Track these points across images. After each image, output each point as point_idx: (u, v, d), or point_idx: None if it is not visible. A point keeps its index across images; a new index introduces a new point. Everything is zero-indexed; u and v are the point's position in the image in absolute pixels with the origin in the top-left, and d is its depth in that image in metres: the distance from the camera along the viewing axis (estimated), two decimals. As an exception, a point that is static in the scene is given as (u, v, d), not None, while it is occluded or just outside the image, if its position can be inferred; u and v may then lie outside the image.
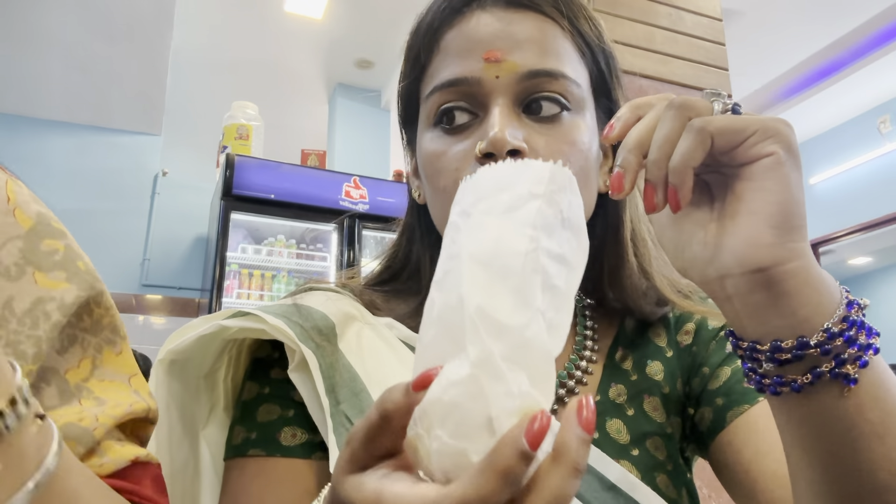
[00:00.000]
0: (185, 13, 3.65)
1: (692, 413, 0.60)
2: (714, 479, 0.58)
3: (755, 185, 0.35)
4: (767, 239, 0.34)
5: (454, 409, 0.27)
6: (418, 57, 0.58)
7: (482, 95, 0.53)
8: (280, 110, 4.67)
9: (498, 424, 0.27)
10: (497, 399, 0.27)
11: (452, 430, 0.27)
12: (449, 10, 0.56)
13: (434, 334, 0.30)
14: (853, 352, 0.35)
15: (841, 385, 0.35)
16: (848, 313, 0.35)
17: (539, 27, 0.54)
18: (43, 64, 3.60)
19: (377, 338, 0.56)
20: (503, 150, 0.50)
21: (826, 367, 0.35)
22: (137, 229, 4.08)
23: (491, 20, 0.54)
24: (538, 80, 0.52)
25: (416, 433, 0.28)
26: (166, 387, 0.56)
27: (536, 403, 0.27)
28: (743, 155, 0.36)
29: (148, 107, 4.02)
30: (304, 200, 3.40)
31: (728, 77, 1.95)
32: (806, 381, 0.35)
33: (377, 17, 3.84)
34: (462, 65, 0.53)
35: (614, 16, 1.80)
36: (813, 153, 5.10)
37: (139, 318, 3.92)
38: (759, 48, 3.99)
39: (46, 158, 3.94)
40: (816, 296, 0.35)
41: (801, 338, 0.35)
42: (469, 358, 0.28)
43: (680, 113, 0.37)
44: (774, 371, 0.37)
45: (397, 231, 0.68)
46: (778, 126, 0.35)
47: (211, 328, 0.53)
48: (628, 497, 0.50)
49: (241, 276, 3.44)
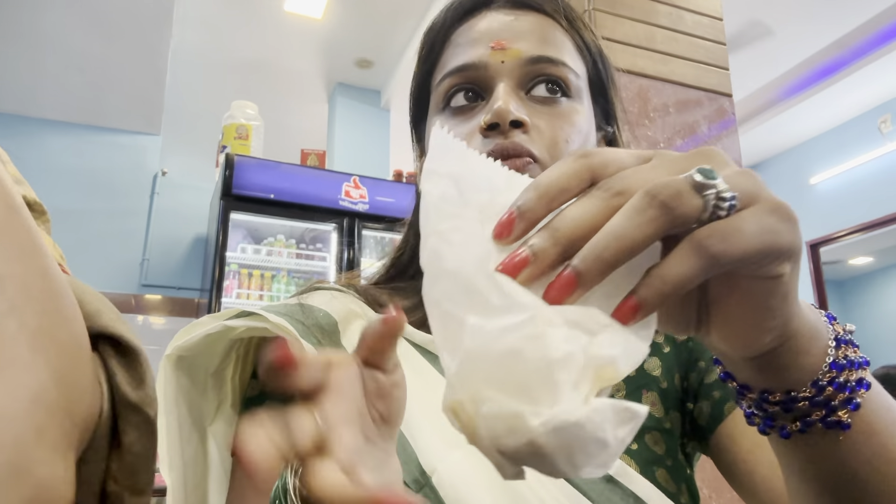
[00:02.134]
0: (184, 12, 3.65)
1: (691, 408, 0.61)
2: (714, 479, 0.58)
3: (756, 303, 0.29)
4: (763, 340, 0.31)
5: (508, 361, 0.24)
6: (430, 53, 0.63)
7: (488, 78, 0.57)
8: (280, 110, 4.67)
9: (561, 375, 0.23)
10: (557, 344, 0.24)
11: (505, 385, 0.24)
12: (460, 10, 0.62)
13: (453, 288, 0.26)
14: (844, 395, 0.33)
15: (835, 431, 0.34)
16: (836, 356, 0.33)
17: (542, 23, 0.59)
18: (42, 63, 3.60)
19: None
20: (507, 120, 0.53)
21: (817, 415, 0.33)
22: (137, 229, 4.08)
23: (497, 17, 0.60)
24: (540, 64, 0.57)
25: (456, 400, 0.25)
26: (174, 382, 0.56)
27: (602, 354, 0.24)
28: (745, 271, 0.28)
29: (147, 106, 4.02)
30: (303, 200, 3.40)
31: (728, 77, 1.94)
32: (796, 428, 0.34)
33: (377, 17, 3.83)
34: (470, 53, 0.58)
35: (614, 15, 1.80)
36: (813, 153, 5.09)
37: (138, 319, 3.91)
38: (760, 48, 3.99)
39: (45, 158, 3.94)
40: (806, 357, 0.33)
41: (789, 392, 0.33)
42: (525, 305, 0.24)
43: (659, 216, 0.25)
44: (764, 415, 0.35)
45: (404, 229, 0.70)
46: (791, 241, 0.28)
47: (217, 327, 0.54)
48: (626, 489, 0.50)
49: (241, 276, 3.43)
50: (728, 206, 0.26)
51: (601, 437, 0.23)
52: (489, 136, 0.54)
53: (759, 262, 0.27)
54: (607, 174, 0.28)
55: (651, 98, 1.80)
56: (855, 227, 4.70)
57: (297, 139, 4.68)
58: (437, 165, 0.30)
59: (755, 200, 0.27)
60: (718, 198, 0.26)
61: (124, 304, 3.90)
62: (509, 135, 0.53)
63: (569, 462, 0.23)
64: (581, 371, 0.24)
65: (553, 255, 0.26)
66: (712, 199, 0.26)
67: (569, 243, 0.26)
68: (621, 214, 0.26)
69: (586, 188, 0.28)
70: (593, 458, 0.24)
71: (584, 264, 0.26)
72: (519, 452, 0.24)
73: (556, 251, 0.26)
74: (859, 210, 4.68)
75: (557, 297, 0.26)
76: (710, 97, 1.89)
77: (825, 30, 3.94)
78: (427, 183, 0.30)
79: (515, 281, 0.26)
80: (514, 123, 0.54)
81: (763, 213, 0.27)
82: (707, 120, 1.87)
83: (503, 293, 0.25)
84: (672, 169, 0.28)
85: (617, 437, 0.24)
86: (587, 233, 0.26)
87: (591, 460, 0.24)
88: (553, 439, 0.23)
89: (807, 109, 4.61)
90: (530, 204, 0.27)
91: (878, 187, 4.59)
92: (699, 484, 0.63)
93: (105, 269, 3.91)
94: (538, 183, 0.28)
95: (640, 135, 1.74)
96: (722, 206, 0.26)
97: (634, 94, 1.77)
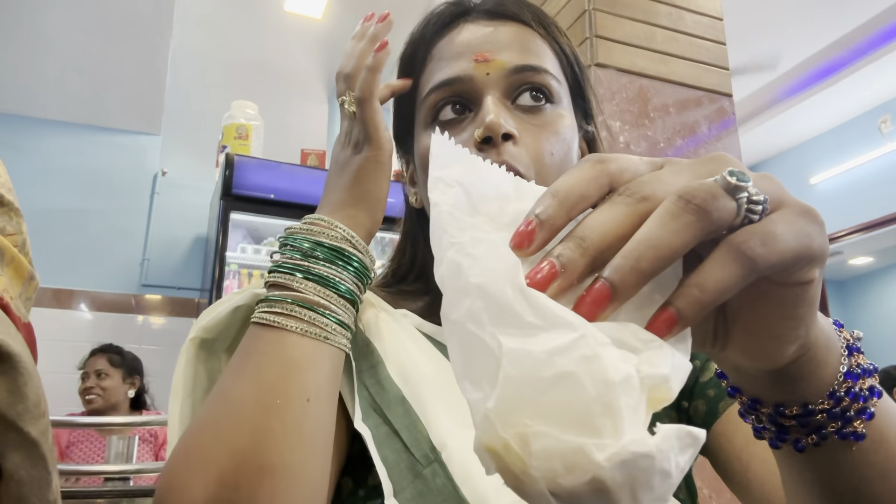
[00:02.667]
0: (184, 12, 3.65)
1: (686, 406, 0.61)
2: (714, 478, 0.58)
3: (782, 313, 0.28)
4: (787, 351, 0.30)
5: (561, 388, 0.21)
6: (412, 67, 0.65)
7: (475, 91, 0.58)
8: (280, 110, 4.66)
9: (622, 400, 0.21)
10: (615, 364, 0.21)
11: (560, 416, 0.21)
12: (439, 24, 0.64)
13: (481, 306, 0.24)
14: (858, 405, 0.33)
15: (849, 442, 0.33)
16: (850, 365, 0.33)
17: (520, 33, 0.61)
18: (42, 63, 3.60)
19: (394, 322, 0.59)
20: (499, 134, 0.54)
21: (832, 427, 0.33)
22: (136, 229, 4.08)
23: (477, 28, 0.61)
24: (524, 73, 0.58)
25: (498, 438, 0.22)
26: (195, 364, 0.56)
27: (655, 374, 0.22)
28: (776, 277, 0.27)
29: (147, 106, 4.02)
30: (303, 200, 3.40)
31: (729, 76, 1.94)
32: (811, 441, 0.33)
33: (377, 17, 3.82)
34: (455, 66, 0.59)
35: (614, 15, 1.80)
36: (813, 153, 5.09)
37: (138, 319, 3.91)
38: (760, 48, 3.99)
39: (45, 158, 3.94)
40: (824, 369, 0.32)
41: (806, 405, 0.32)
42: (570, 323, 0.22)
43: (696, 222, 0.24)
44: (777, 429, 0.34)
45: (399, 235, 0.72)
46: (821, 245, 0.27)
47: (245, 297, 0.54)
48: None
49: (241, 276, 3.43)
50: (761, 209, 0.25)
51: (666, 469, 0.21)
52: (483, 149, 0.55)
53: (793, 267, 0.26)
54: (625, 180, 0.27)
55: (651, 98, 1.80)
56: (855, 226, 4.70)
57: (297, 139, 4.66)
58: (444, 173, 0.29)
59: (783, 204, 0.27)
60: (751, 201, 0.25)
61: (124, 304, 3.90)
62: (501, 148, 0.55)
63: (631, 498, 0.21)
64: (639, 394, 0.22)
65: (582, 267, 0.25)
66: (745, 203, 0.25)
67: (598, 253, 0.25)
68: (655, 220, 0.24)
69: (606, 194, 0.27)
70: (655, 491, 0.21)
71: (619, 275, 0.24)
72: (577, 492, 0.21)
73: (584, 262, 0.25)
74: (859, 210, 4.68)
75: (591, 313, 0.24)
76: (710, 97, 1.89)
77: (825, 30, 3.94)
78: (435, 192, 0.28)
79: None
80: (505, 136, 0.55)
81: (794, 217, 0.26)
82: (707, 120, 1.87)
83: (539, 310, 0.23)
84: (694, 173, 0.27)
85: (679, 465, 0.22)
86: (616, 242, 0.25)
87: (652, 494, 0.21)
88: (619, 474, 0.21)
89: (807, 109, 4.61)
90: (550, 212, 0.26)
91: (878, 187, 4.59)
92: (699, 484, 0.63)
93: (105, 269, 3.91)
94: (556, 190, 0.26)
95: (640, 135, 1.74)
96: (755, 210, 0.25)
97: (634, 94, 1.77)
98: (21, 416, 0.34)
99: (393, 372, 0.54)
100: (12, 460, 0.33)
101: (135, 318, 3.90)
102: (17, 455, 0.33)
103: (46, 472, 0.36)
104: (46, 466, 0.36)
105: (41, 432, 0.35)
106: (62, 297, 3.74)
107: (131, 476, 1.77)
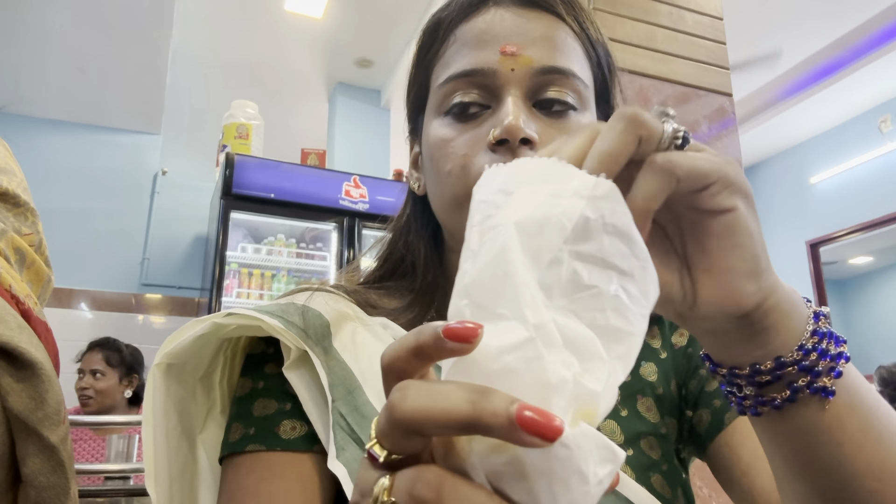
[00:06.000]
0: (184, 12, 3.65)
1: (690, 415, 0.60)
2: (714, 478, 0.58)
3: (726, 244, 0.34)
4: (747, 289, 0.34)
5: (506, 378, 0.23)
6: (433, 45, 0.60)
7: (496, 87, 0.54)
8: (280, 109, 4.67)
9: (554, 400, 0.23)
10: (554, 368, 0.23)
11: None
12: (466, 4, 0.58)
13: (466, 304, 0.26)
14: (826, 363, 0.36)
15: (820, 398, 0.36)
16: (816, 325, 0.37)
17: (552, 27, 0.56)
18: (42, 63, 3.60)
19: (372, 337, 0.56)
20: (517, 138, 0.51)
21: (803, 381, 0.36)
22: (137, 228, 4.08)
23: (507, 16, 0.56)
24: (551, 76, 0.54)
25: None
26: (164, 390, 0.55)
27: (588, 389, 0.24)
28: (701, 202, 0.33)
29: (147, 106, 4.02)
30: (303, 200, 3.40)
31: (729, 76, 1.94)
32: (785, 396, 0.36)
33: (377, 17, 3.83)
34: (478, 56, 0.55)
35: (615, 14, 1.80)
36: (813, 153, 5.09)
37: (139, 318, 3.92)
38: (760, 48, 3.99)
39: (46, 158, 3.94)
40: (790, 320, 0.36)
41: (779, 358, 0.36)
42: (527, 320, 0.24)
43: (631, 128, 0.31)
44: (754, 393, 0.37)
45: (390, 228, 0.68)
46: (737, 175, 0.34)
47: (206, 327, 0.53)
48: (621, 496, 0.50)
49: (241, 275, 3.43)
50: (682, 138, 0.33)
51: (583, 470, 0.23)
52: (497, 151, 0.52)
53: (712, 188, 0.33)
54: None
55: (651, 98, 1.80)
56: (855, 226, 4.70)
57: (297, 139, 4.67)
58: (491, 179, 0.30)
59: (706, 150, 0.34)
60: (675, 130, 0.33)
61: (124, 304, 3.90)
62: (518, 152, 0.52)
63: (549, 490, 0.23)
64: (569, 400, 0.24)
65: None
66: (670, 130, 0.32)
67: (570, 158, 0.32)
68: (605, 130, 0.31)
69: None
70: (571, 492, 0.23)
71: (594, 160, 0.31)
72: (502, 473, 0.23)
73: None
74: (859, 210, 4.68)
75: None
76: (710, 97, 1.89)
77: (825, 30, 3.94)
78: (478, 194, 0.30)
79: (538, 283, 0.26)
80: (523, 140, 0.52)
81: (712, 153, 0.34)
82: (707, 119, 1.87)
83: (513, 297, 0.25)
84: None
85: (597, 475, 0.23)
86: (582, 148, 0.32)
87: (569, 493, 0.23)
88: (537, 459, 0.22)
89: (807, 109, 4.61)
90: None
91: (878, 187, 4.59)
92: (698, 484, 0.63)
93: (105, 269, 3.92)
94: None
95: (640, 134, 1.74)
96: (678, 137, 0.33)
97: (634, 94, 1.77)
98: (42, 422, 0.34)
99: (372, 396, 0.51)
100: (32, 466, 0.33)
101: (135, 317, 3.90)
102: (36, 461, 0.33)
103: (65, 479, 0.35)
104: (65, 473, 0.35)
105: (60, 439, 0.35)
106: (62, 296, 3.74)
107: (131, 475, 1.77)
